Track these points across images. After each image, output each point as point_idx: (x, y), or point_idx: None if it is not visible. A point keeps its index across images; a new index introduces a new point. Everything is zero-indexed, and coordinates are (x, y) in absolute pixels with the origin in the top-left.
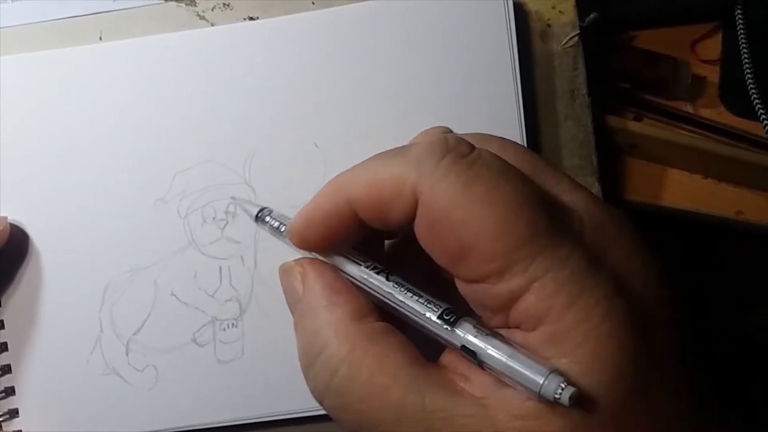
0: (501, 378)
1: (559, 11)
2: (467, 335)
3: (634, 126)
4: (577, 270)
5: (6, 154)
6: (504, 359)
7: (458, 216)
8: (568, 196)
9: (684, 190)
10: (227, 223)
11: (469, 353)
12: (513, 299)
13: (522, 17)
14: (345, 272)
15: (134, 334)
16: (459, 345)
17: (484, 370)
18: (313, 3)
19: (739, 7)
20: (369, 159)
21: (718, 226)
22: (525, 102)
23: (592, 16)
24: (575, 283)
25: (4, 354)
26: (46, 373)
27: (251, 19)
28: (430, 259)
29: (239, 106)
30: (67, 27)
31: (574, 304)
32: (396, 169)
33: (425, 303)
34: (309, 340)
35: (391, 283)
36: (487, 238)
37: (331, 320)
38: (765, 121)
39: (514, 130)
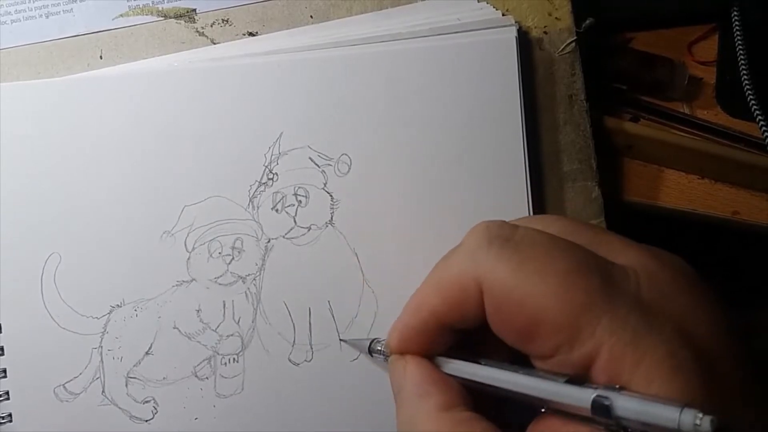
0: (634, 427)
1: (556, 18)
2: (598, 390)
3: (631, 127)
4: (638, 329)
5: (10, 182)
6: (636, 404)
7: (518, 296)
8: (620, 256)
9: (680, 191)
10: (233, 258)
11: (600, 407)
12: (588, 365)
13: (519, 26)
14: (447, 369)
15: (135, 366)
16: (590, 399)
17: (617, 425)
18: (311, 17)
19: (735, 8)
20: (432, 269)
21: (714, 227)
22: (525, 108)
23: (588, 21)
24: (639, 344)
25: (3, 380)
26: (43, 400)
27: (251, 34)
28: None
29: (250, 142)
30: (68, 46)
31: (640, 364)
32: (455, 268)
33: (546, 378)
34: (405, 425)
35: (508, 371)
36: (551, 311)
37: (424, 409)
38: (761, 122)
39: (516, 135)
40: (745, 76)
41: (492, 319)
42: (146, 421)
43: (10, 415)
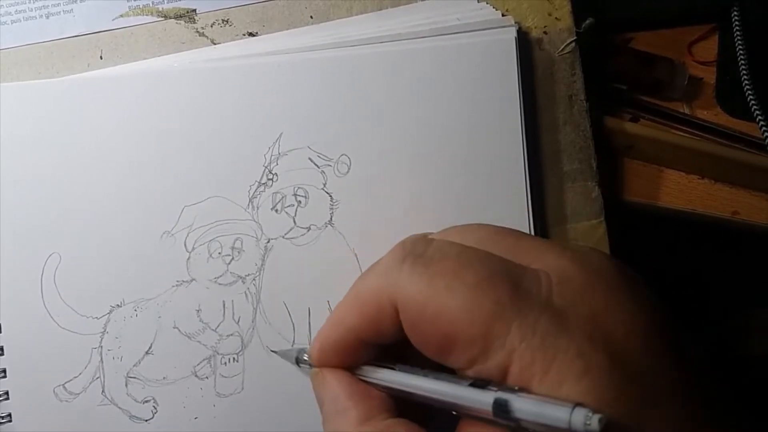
0: (533, 428)
1: (555, 18)
2: (498, 392)
3: (630, 127)
4: (547, 333)
5: (10, 182)
6: (531, 405)
7: (431, 312)
8: (537, 260)
9: (680, 191)
10: (233, 258)
11: (500, 409)
12: (504, 372)
13: (519, 27)
14: (367, 377)
15: (135, 366)
16: (491, 402)
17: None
18: (311, 17)
19: (735, 8)
20: (354, 284)
21: (714, 227)
22: (525, 108)
23: (588, 21)
24: (547, 348)
25: (3, 380)
26: (43, 400)
27: (251, 34)
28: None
29: (250, 142)
30: (68, 46)
31: (550, 369)
32: (371, 285)
33: (451, 381)
34: None
35: (418, 375)
36: (462, 325)
37: (344, 424)
38: (761, 122)
39: (516, 135)
40: (745, 76)
41: (410, 335)
42: (146, 420)
43: (9, 415)
